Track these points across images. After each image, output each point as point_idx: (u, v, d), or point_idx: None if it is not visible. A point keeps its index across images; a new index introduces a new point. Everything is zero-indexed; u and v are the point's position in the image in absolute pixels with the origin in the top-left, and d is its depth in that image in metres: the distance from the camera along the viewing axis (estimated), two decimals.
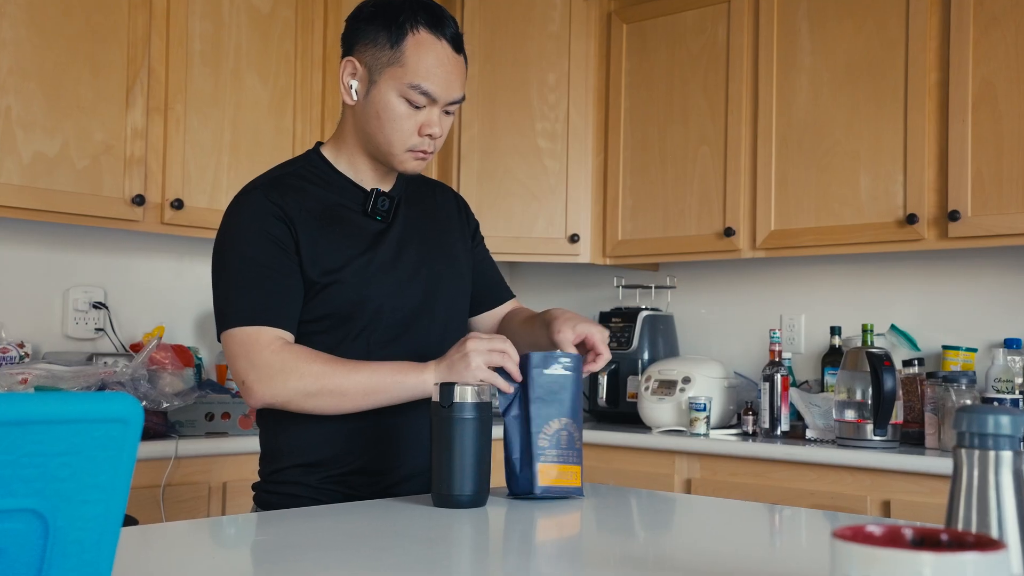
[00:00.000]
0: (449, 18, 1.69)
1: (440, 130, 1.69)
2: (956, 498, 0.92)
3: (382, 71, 1.65)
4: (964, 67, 2.82)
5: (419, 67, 1.64)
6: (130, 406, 0.75)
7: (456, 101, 1.70)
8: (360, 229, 1.72)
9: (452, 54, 1.68)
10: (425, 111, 1.67)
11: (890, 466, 2.62)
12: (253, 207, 1.67)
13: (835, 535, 0.73)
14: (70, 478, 0.73)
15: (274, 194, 1.67)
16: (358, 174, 1.76)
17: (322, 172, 1.75)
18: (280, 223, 1.65)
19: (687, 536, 1.53)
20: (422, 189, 1.88)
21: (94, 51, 2.81)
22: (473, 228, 1.95)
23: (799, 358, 3.44)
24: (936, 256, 3.17)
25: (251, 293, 1.62)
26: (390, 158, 1.70)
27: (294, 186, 1.70)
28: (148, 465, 2.56)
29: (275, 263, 1.63)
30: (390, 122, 1.66)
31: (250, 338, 1.61)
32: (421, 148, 1.69)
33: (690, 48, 3.40)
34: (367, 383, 1.60)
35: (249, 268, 1.63)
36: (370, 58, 1.67)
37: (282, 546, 1.28)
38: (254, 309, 1.61)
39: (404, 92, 1.65)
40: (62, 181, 2.74)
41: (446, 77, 1.66)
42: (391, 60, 1.65)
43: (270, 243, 1.64)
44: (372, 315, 1.69)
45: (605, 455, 3.15)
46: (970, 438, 0.91)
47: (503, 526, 1.49)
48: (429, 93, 1.65)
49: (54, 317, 3.08)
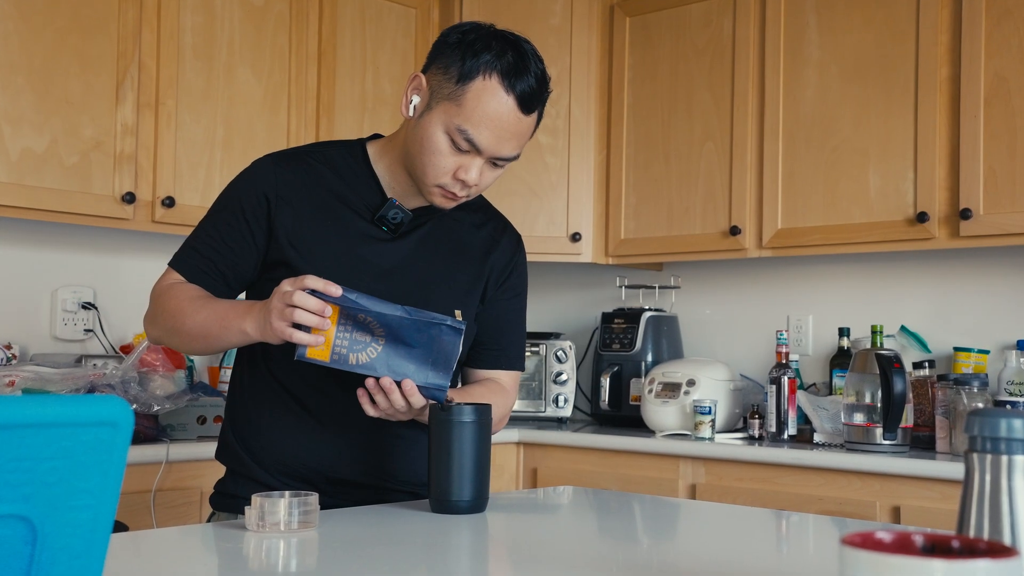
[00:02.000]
0: (531, 72, 1.61)
1: (477, 179, 1.63)
2: (968, 504, 0.92)
3: (440, 102, 1.61)
4: (976, 61, 2.82)
5: (473, 114, 1.59)
6: (120, 409, 0.75)
7: (507, 158, 1.64)
8: (355, 228, 1.69)
9: (516, 112, 1.60)
10: (467, 156, 1.62)
11: (900, 471, 2.62)
12: (248, 172, 1.73)
13: (844, 542, 0.73)
14: (58, 483, 0.73)
15: (280, 165, 1.71)
16: (393, 180, 1.72)
17: (353, 163, 1.73)
18: (260, 194, 1.68)
19: (692, 543, 1.53)
20: (469, 218, 1.81)
21: (83, 45, 2.81)
22: (505, 277, 1.82)
23: (806, 360, 3.44)
24: (947, 255, 3.17)
25: (191, 243, 1.72)
26: (420, 185, 1.68)
27: (308, 164, 1.72)
28: (138, 470, 2.56)
29: (227, 227, 1.69)
30: (429, 154, 1.62)
31: (162, 277, 1.72)
32: (451, 189, 1.64)
33: (695, 42, 3.40)
34: (202, 325, 1.61)
35: (205, 223, 1.73)
36: (436, 84, 1.63)
37: (276, 552, 1.28)
38: (181, 256, 1.71)
39: (450, 131, 1.60)
40: (50, 178, 2.74)
41: (499, 133, 1.60)
42: (451, 95, 1.60)
43: (235, 210, 1.69)
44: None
45: (607, 459, 3.15)
46: (982, 442, 0.91)
47: (503, 532, 1.49)
48: (473, 142, 1.60)
49: (42, 318, 3.08)
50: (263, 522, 1.34)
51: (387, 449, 1.72)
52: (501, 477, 3.29)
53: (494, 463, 1.60)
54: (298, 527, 1.35)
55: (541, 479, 3.29)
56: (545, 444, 3.29)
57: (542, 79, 1.64)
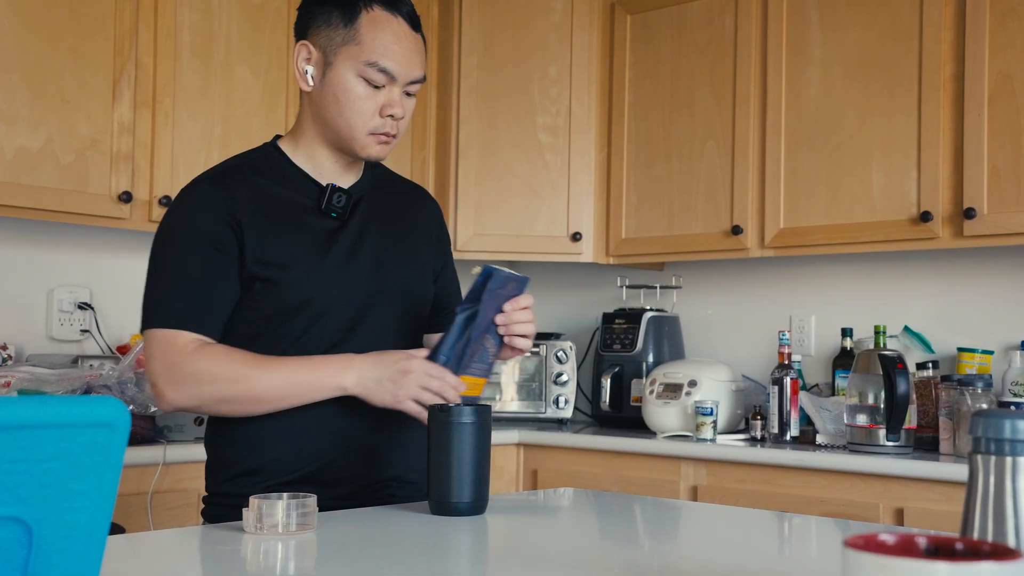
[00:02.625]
0: None
1: (402, 111, 1.67)
2: (972, 506, 0.92)
3: (337, 51, 1.65)
4: (980, 59, 2.82)
5: (375, 44, 1.64)
6: (117, 410, 0.75)
7: (416, 80, 1.69)
8: (312, 227, 1.70)
9: (409, 31, 1.68)
10: (385, 91, 1.66)
11: (903, 472, 2.62)
12: (196, 201, 1.66)
13: (847, 544, 0.74)
14: (55, 485, 0.73)
15: (221, 188, 1.66)
16: (317, 168, 1.74)
17: (277, 165, 1.73)
18: (222, 221, 1.64)
19: (693, 545, 1.53)
20: (393, 187, 1.86)
21: (79, 42, 2.81)
22: (442, 239, 1.92)
23: (809, 361, 3.44)
24: (951, 255, 3.17)
25: (177, 293, 1.63)
26: (351, 143, 1.69)
27: (245, 179, 1.69)
28: (135, 471, 2.56)
29: (208, 265, 1.63)
30: (349, 104, 1.65)
31: (167, 340, 1.61)
32: (383, 131, 1.67)
33: (696, 39, 3.40)
34: (282, 387, 1.60)
35: (179, 267, 1.64)
36: (324, 40, 1.66)
37: (274, 554, 1.28)
38: (177, 310, 1.62)
39: (362, 71, 1.64)
40: (46, 177, 2.74)
41: (405, 54, 1.66)
42: (346, 39, 1.64)
43: (206, 243, 1.63)
44: (318, 315, 1.67)
45: (608, 461, 3.15)
46: (986, 443, 0.91)
47: (503, 535, 1.49)
48: (388, 70, 1.65)
49: (38, 318, 3.08)
50: (261, 524, 1.34)
51: (382, 446, 1.73)
52: (501, 479, 3.29)
53: (494, 464, 1.60)
54: (296, 529, 1.35)
55: (541, 481, 3.29)
56: (545, 445, 3.29)
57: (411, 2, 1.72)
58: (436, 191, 3.61)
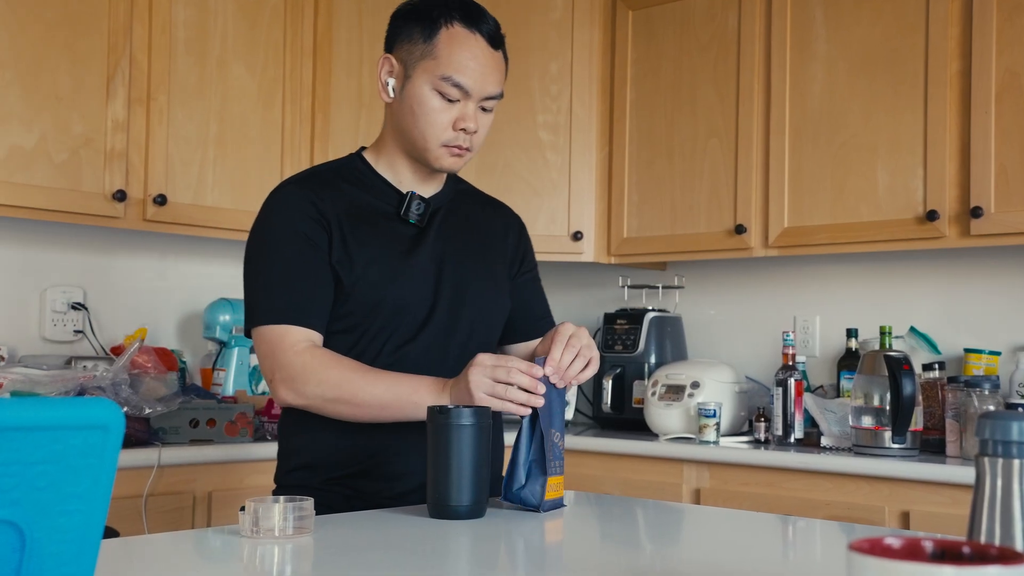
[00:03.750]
0: (486, 15, 1.77)
1: (475, 125, 1.74)
2: (979, 509, 0.92)
3: (416, 65, 1.73)
4: (987, 56, 2.82)
5: (451, 59, 1.71)
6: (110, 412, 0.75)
7: (493, 96, 1.76)
8: (392, 231, 1.78)
9: (487, 48, 1.75)
10: (459, 105, 1.73)
11: (909, 475, 2.62)
12: (287, 203, 1.75)
13: (852, 548, 0.74)
14: (48, 487, 0.73)
15: (308, 190, 1.75)
16: (397, 176, 1.82)
17: (360, 173, 1.82)
18: (313, 221, 1.72)
19: (696, 549, 1.53)
20: (474, 202, 1.94)
21: (73, 39, 2.81)
22: (522, 255, 1.98)
23: (814, 362, 3.44)
24: (958, 254, 3.17)
25: (281, 291, 1.70)
26: (425, 154, 1.76)
27: (330, 183, 1.78)
28: (129, 474, 2.56)
29: (306, 261, 1.71)
30: (424, 116, 1.73)
31: (276, 337, 1.68)
32: (456, 143, 1.74)
33: (699, 36, 3.40)
34: (384, 397, 1.65)
35: (280, 266, 1.71)
36: (405, 54, 1.75)
37: (271, 559, 1.28)
38: (283, 308, 1.69)
39: (437, 84, 1.71)
40: (39, 176, 2.74)
41: (480, 70, 1.73)
42: (424, 54, 1.72)
43: (302, 241, 1.71)
44: (392, 315, 1.75)
45: (610, 464, 3.15)
46: (993, 446, 0.91)
47: (503, 538, 1.49)
48: (462, 85, 1.71)
49: (31, 318, 3.08)
50: (257, 528, 1.34)
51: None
52: (500, 482, 3.28)
53: (493, 468, 1.60)
54: (293, 533, 1.35)
55: None
56: None
57: (496, 22, 1.78)
58: None
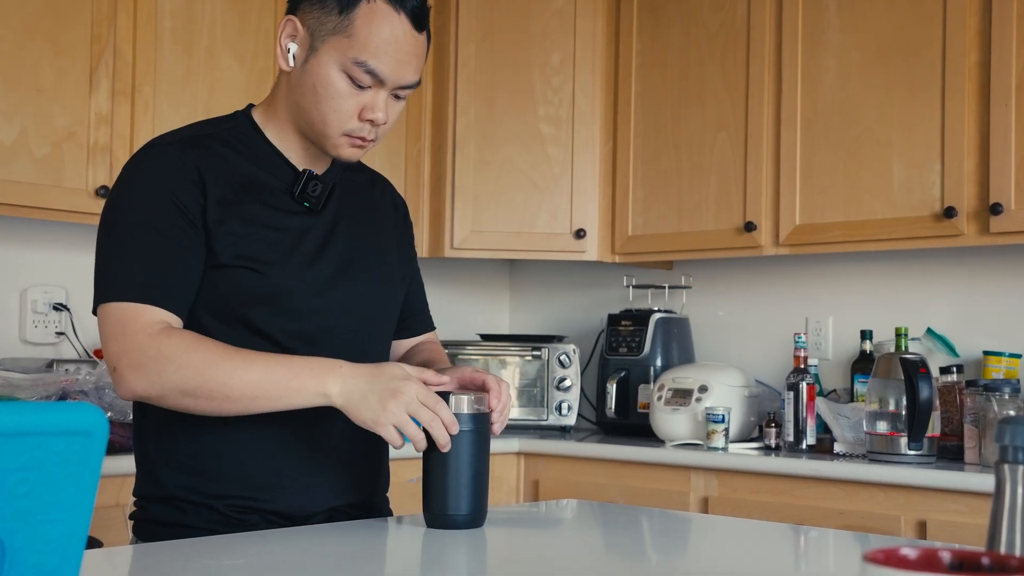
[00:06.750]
0: None
1: (384, 116, 1.58)
2: (998, 518, 0.92)
3: (325, 39, 1.55)
4: (1007, 46, 2.82)
5: (369, 41, 1.53)
6: (94, 417, 0.75)
7: (408, 86, 1.59)
8: (283, 213, 1.62)
9: (411, 31, 1.56)
10: (370, 92, 1.56)
11: (926, 483, 2.62)
12: (162, 163, 1.56)
13: (866, 559, 0.73)
14: (28, 496, 0.73)
15: (190, 154, 1.57)
16: (287, 148, 1.66)
17: (250, 141, 1.65)
18: (192, 187, 1.55)
19: (704, 560, 1.53)
20: (358, 177, 1.79)
21: (55, 29, 2.81)
22: (409, 238, 1.86)
23: (826, 365, 3.44)
24: (976, 253, 3.17)
25: (138, 264, 1.52)
26: (323, 140, 1.60)
27: (214, 150, 1.60)
28: (113, 482, 2.55)
29: (174, 232, 1.52)
30: (327, 99, 1.56)
31: (127, 317, 1.49)
32: (360, 134, 1.59)
33: (707, 25, 3.40)
34: (256, 385, 1.46)
35: (141, 233, 1.53)
36: (314, 21, 1.56)
37: (259, 570, 1.28)
38: (138, 283, 1.51)
39: (347, 67, 1.54)
40: (19, 171, 2.74)
41: (399, 57, 1.55)
42: (337, 28, 1.54)
43: (173, 208, 1.53)
44: (282, 312, 1.59)
45: (614, 471, 3.15)
46: (1014, 452, 0.91)
47: (502, 549, 1.49)
48: (376, 73, 1.54)
49: (10, 320, 3.08)
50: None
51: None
52: (500, 490, 3.29)
53: (493, 474, 1.59)
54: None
55: (543, 492, 3.29)
56: (547, 454, 3.29)
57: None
58: (432, 185, 3.62)
